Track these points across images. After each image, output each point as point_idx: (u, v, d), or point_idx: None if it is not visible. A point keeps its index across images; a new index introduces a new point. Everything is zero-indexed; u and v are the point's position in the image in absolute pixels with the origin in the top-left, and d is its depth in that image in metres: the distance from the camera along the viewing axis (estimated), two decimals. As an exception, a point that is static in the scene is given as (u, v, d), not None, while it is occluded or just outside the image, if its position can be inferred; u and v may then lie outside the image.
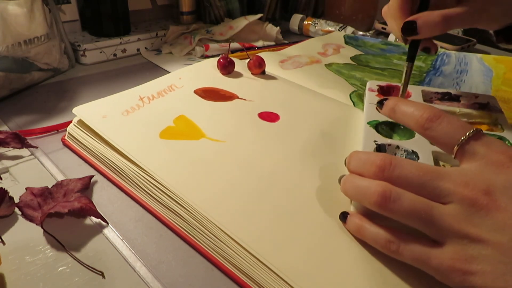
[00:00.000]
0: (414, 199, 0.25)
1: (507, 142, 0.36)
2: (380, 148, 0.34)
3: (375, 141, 0.35)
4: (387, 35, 0.80)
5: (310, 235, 0.28)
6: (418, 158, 0.32)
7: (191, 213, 0.30)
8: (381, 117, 0.38)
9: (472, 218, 0.23)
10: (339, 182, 0.30)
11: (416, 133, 0.33)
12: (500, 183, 0.23)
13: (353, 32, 0.78)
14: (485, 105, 0.43)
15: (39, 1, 0.50)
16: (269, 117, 0.42)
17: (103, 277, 0.28)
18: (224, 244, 0.28)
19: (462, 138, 0.25)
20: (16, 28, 0.47)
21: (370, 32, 0.80)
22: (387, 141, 0.35)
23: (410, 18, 0.35)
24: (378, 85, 0.46)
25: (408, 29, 0.35)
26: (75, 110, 0.39)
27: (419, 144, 0.34)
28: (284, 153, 0.36)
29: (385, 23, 0.84)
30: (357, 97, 0.51)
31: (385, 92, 0.46)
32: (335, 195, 0.31)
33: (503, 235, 0.22)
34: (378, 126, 0.38)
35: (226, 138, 0.37)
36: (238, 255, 0.27)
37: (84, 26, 0.67)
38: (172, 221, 0.32)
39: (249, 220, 0.29)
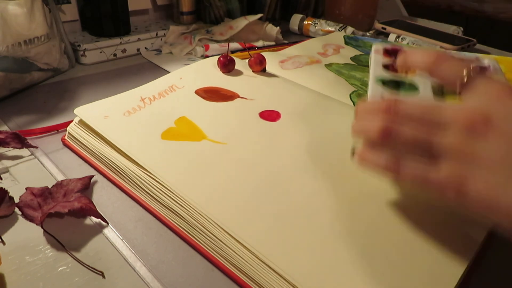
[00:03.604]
0: (415, 127, 0.26)
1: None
2: None
3: (381, 96, 0.35)
4: (387, 35, 0.80)
5: (312, 235, 0.28)
6: None
7: (191, 213, 0.30)
8: (387, 77, 0.38)
9: (471, 142, 0.24)
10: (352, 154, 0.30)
11: (420, 89, 0.35)
12: (500, 111, 0.24)
13: (353, 32, 0.78)
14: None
15: (39, 1, 0.50)
16: (270, 116, 0.42)
17: (103, 277, 0.28)
18: (224, 244, 0.28)
19: (465, 73, 0.27)
20: (16, 28, 0.47)
21: (370, 32, 0.80)
22: (394, 94, 0.35)
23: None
24: (384, 48, 0.46)
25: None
26: (76, 110, 0.39)
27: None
28: (285, 154, 0.36)
29: (385, 23, 0.84)
30: (357, 97, 0.51)
31: (390, 54, 0.46)
32: (338, 195, 0.30)
33: (499, 151, 0.23)
34: (384, 84, 0.38)
35: (227, 140, 0.37)
36: (238, 255, 0.27)
37: (84, 26, 0.67)
38: (172, 221, 0.32)
39: (250, 220, 0.29)
